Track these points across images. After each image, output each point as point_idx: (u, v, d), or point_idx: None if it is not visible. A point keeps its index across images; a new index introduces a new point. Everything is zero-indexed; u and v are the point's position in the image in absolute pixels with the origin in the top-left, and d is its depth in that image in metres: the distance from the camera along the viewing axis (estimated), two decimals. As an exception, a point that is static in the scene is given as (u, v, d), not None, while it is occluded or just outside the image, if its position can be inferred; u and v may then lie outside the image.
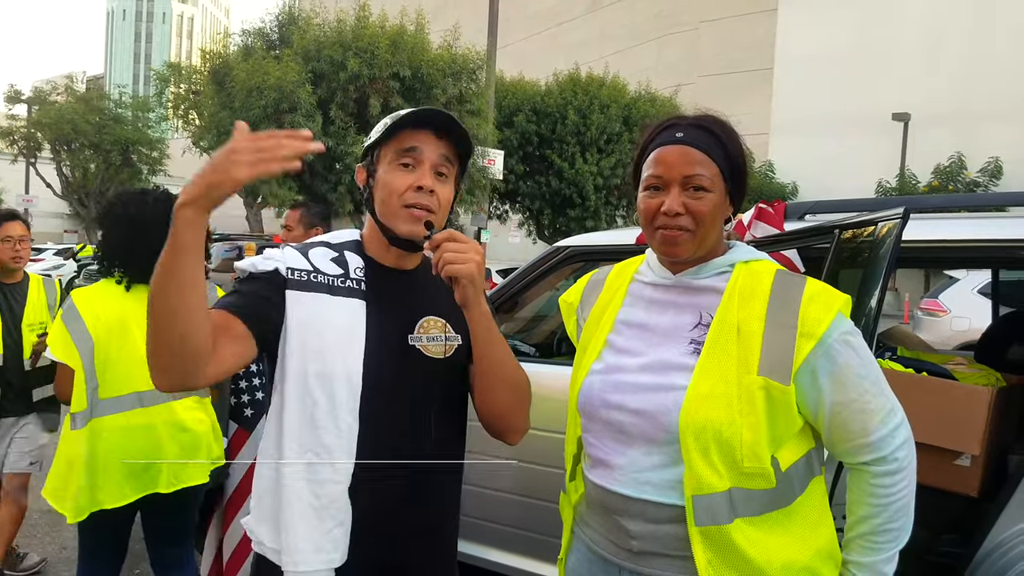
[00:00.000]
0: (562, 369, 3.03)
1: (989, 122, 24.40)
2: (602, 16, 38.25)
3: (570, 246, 3.34)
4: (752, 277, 1.45)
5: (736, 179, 1.47)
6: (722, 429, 1.34)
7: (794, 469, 1.41)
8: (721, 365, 1.38)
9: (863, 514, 1.42)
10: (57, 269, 22.34)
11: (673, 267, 1.52)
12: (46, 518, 4.60)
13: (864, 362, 1.40)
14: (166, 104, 26.62)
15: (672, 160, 1.44)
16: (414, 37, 16.53)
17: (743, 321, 1.40)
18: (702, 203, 1.42)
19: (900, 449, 1.40)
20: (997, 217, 2.82)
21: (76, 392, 2.58)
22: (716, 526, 1.34)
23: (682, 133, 1.45)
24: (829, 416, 1.40)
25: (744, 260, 1.49)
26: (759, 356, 1.37)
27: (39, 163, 32.37)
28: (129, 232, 2.66)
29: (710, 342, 1.41)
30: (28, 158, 32.19)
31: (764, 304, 1.40)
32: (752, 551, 1.35)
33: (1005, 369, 3.29)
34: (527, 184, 21.38)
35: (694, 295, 1.49)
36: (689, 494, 1.36)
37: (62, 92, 31.89)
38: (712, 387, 1.37)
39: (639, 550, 1.43)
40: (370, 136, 1.54)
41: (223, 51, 18.96)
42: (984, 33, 25.31)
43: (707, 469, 1.35)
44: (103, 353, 2.60)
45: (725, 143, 1.46)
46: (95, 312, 2.62)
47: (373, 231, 1.56)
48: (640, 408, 1.43)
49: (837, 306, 1.40)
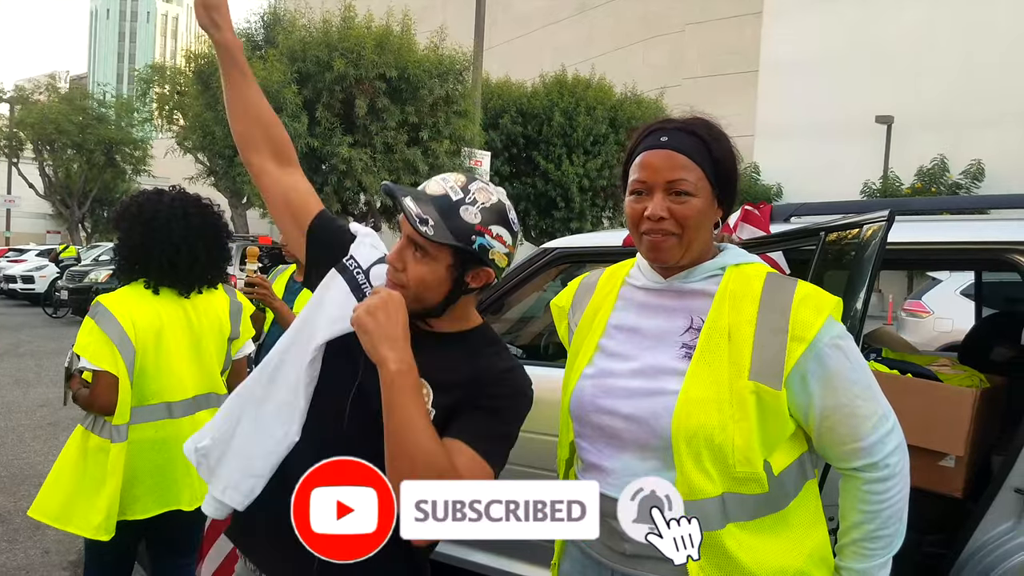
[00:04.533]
0: (550, 371, 3.03)
1: (971, 125, 24.60)
2: (589, 18, 38.30)
3: (557, 248, 3.34)
4: (743, 280, 1.44)
5: (724, 183, 1.46)
6: (714, 434, 1.33)
7: (787, 473, 1.41)
8: (712, 370, 1.37)
9: (855, 520, 1.41)
10: (40, 270, 22.10)
11: (663, 271, 1.50)
12: (28, 522, 4.55)
13: (855, 366, 1.39)
14: (150, 104, 26.46)
15: (656, 165, 1.43)
16: (400, 38, 16.50)
17: (734, 325, 1.39)
18: (686, 207, 1.41)
19: (892, 455, 1.38)
20: (979, 220, 2.84)
21: (121, 403, 2.46)
22: (707, 531, 1.32)
23: (667, 137, 1.44)
24: (819, 421, 1.39)
25: (735, 263, 1.48)
26: (750, 360, 1.36)
27: (21, 163, 32.05)
28: (146, 232, 2.59)
29: (701, 347, 1.40)
30: (10, 158, 31.89)
31: (755, 308, 1.39)
32: (744, 556, 1.34)
33: (988, 370, 3.32)
34: (513, 186, 21.37)
35: (685, 299, 1.48)
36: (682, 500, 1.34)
37: (45, 91, 31.64)
38: (703, 392, 1.36)
39: (631, 553, 1.42)
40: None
41: (208, 51, 18.86)
42: (967, 38, 25.53)
43: (699, 475, 1.34)
44: (140, 361, 2.51)
45: (711, 146, 1.44)
46: (132, 318, 2.52)
47: None
48: (631, 413, 1.42)
49: (828, 309, 1.38)
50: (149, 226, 2.58)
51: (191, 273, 2.62)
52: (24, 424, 7.26)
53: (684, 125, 1.46)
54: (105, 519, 2.45)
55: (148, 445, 2.54)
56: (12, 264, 23.51)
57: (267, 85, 14.64)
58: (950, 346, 6.39)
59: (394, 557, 1.32)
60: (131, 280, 2.65)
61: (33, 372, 10.21)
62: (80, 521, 2.49)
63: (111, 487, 2.45)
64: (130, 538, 2.62)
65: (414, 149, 16.23)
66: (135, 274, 2.64)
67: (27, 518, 4.54)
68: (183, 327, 2.65)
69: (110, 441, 2.48)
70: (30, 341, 13.40)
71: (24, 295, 21.87)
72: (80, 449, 2.55)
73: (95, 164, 30.71)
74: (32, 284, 21.65)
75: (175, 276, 2.62)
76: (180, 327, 2.63)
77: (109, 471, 2.46)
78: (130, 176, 32.79)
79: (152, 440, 2.55)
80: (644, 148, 1.46)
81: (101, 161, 30.62)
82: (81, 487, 2.51)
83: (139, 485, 2.54)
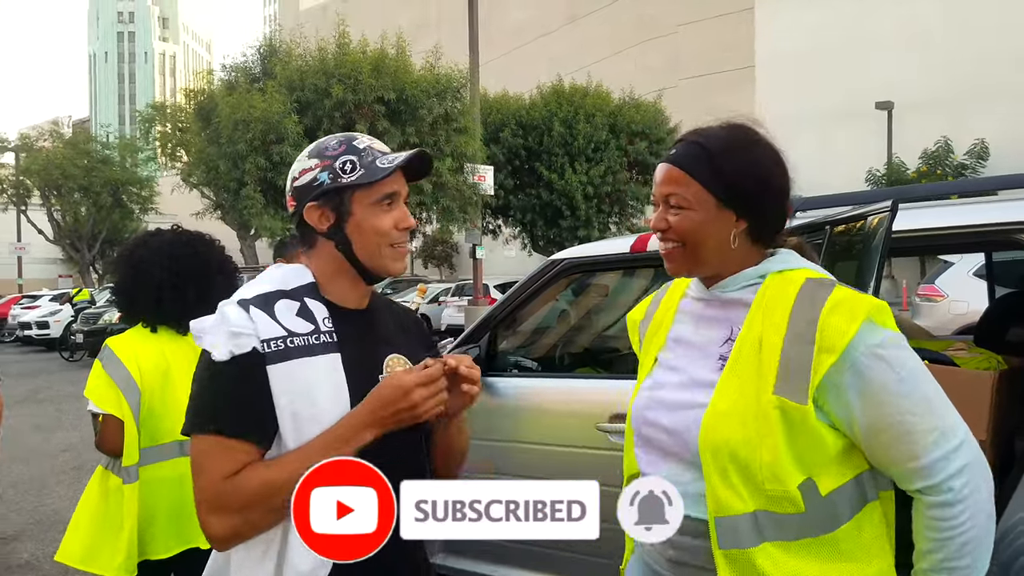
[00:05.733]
0: (565, 382, 3.04)
1: (973, 104, 24.51)
2: (581, 26, 38.44)
3: (565, 259, 3.35)
4: (781, 287, 1.38)
5: (737, 194, 1.40)
6: (738, 449, 1.30)
7: (838, 495, 1.31)
8: (741, 382, 1.33)
9: (924, 548, 1.29)
10: (54, 315, 22.27)
11: (704, 281, 1.49)
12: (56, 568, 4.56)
13: (903, 377, 1.27)
14: (153, 143, 26.70)
15: (656, 179, 1.45)
16: (396, 60, 16.61)
17: (765, 334, 1.34)
18: (680, 220, 1.41)
19: (956, 477, 1.24)
20: (987, 201, 2.83)
21: (128, 445, 2.51)
22: (739, 549, 1.29)
23: (675, 150, 1.45)
24: (866, 439, 1.29)
25: (779, 270, 1.42)
26: (775, 373, 1.30)
27: (29, 210, 32.36)
28: (130, 272, 2.66)
29: (732, 358, 1.37)
30: (18, 206, 32.20)
31: (786, 315, 1.33)
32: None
33: (1005, 351, 3.29)
34: (517, 198, 21.43)
35: (726, 309, 1.45)
36: (712, 515, 1.32)
37: (49, 138, 31.95)
38: (730, 405, 1.33)
39: (676, 560, 1.43)
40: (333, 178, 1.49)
41: (207, 87, 19.03)
42: (962, 17, 25.47)
43: (727, 491, 1.31)
44: (147, 403, 2.56)
45: (717, 159, 1.40)
46: (137, 361, 2.57)
47: (338, 270, 1.52)
48: (669, 426, 1.43)
49: (863, 315, 1.27)
50: (136, 269, 2.65)
51: (181, 312, 2.60)
52: (47, 470, 7.30)
53: (699, 137, 1.45)
54: (126, 559, 2.49)
55: (164, 484, 2.57)
56: (26, 311, 23.70)
57: (268, 116, 14.76)
58: (966, 329, 6.33)
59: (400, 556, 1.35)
60: (133, 322, 2.71)
61: (53, 417, 10.26)
62: (104, 562, 2.53)
63: (129, 526, 2.49)
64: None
65: (417, 169, 16.29)
66: (130, 315, 2.71)
67: (55, 565, 4.56)
68: (189, 364, 2.64)
69: (123, 483, 2.53)
70: (48, 387, 13.48)
71: (40, 341, 22.05)
72: (101, 490, 2.60)
73: (102, 206, 30.98)
74: (47, 329, 21.84)
75: (164, 315, 2.65)
76: (187, 364, 2.64)
77: (125, 511, 2.51)
78: (138, 215, 33.03)
79: (168, 479, 2.57)
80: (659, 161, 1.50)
81: (108, 202, 30.90)
82: (103, 528, 2.56)
83: (157, 524, 2.56)
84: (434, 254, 41.24)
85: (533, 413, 3.10)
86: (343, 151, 1.48)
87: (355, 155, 1.47)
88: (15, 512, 5.85)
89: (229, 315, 1.40)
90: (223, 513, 1.35)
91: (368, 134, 11.22)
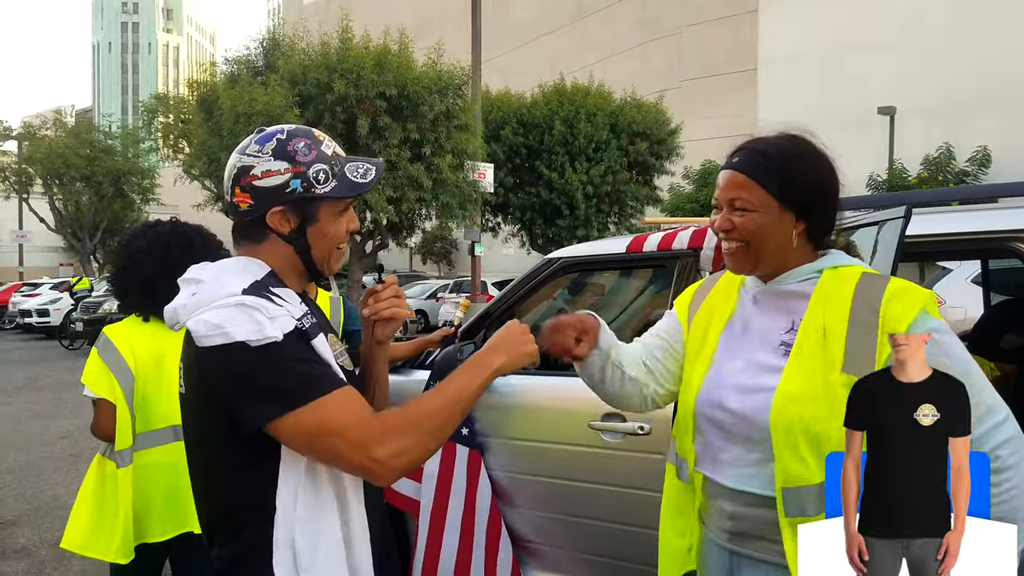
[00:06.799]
0: (559, 380, 3.06)
1: (975, 111, 24.48)
2: (584, 26, 38.41)
3: (562, 257, 3.37)
4: (839, 281, 1.54)
5: (799, 198, 1.55)
6: (810, 424, 1.42)
7: None
8: (808, 365, 1.47)
9: None
10: (54, 303, 22.28)
11: (761, 276, 1.64)
12: (53, 554, 4.59)
13: (954, 361, 1.41)
14: (155, 134, 26.67)
15: (720, 184, 1.60)
16: (398, 56, 16.58)
17: (828, 323, 1.48)
18: (745, 220, 1.55)
19: (1003, 447, 1.38)
20: (988, 209, 2.83)
21: (120, 429, 2.57)
22: (805, 517, 1.41)
23: (738, 158, 1.60)
24: None
25: (833, 266, 1.58)
26: (843, 355, 1.44)
27: (31, 198, 32.34)
28: (124, 267, 2.71)
29: (798, 344, 1.51)
30: (20, 194, 32.18)
31: (847, 305, 1.48)
32: None
33: (999, 358, 3.32)
34: (517, 196, 21.43)
35: (786, 300, 1.60)
36: (779, 486, 1.45)
37: (51, 127, 31.93)
38: (799, 387, 1.46)
39: (737, 530, 1.57)
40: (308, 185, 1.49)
41: (210, 79, 19.01)
42: (965, 23, 25.45)
43: (796, 463, 1.43)
44: (141, 388, 2.61)
45: (779, 168, 1.55)
46: (131, 347, 2.64)
47: (289, 266, 1.53)
48: (736, 409, 1.56)
49: (920, 303, 1.44)
50: (132, 259, 2.70)
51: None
52: (45, 457, 7.35)
53: (760, 145, 1.60)
54: (123, 543, 2.55)
55: (159, 469, 2.62)
56: (26, 299, 23.72)
57: (270, 110, 14.76)
58: (962, 335, 6.35)
59: None
60: (128, 312, 2.76)
61: (52, 405, 10.29)
62: (101, 546, 2.59)
63: (124, 511, 2.55)
64: (152, 561, 2.70)
65: (417, 165, 16.27)
66: (124, 305, 2.75)
67: (52, 550, 4.60)
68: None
69: (116, 467, 2.59)
70: (48, 374, 13.52)
71: (40, 328, 22.08)
72: (99, 475, 2.66)
73: (104, 195, 30.95)
74: (47, 317, 21.86)
75: (157, 306, 2.68)
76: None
77: (120, 495, 2.57)
78: (139, 206, 33.01)
79: (163, 464, 2.62)
80: (721, 168, 1.63)
81: (110, 192, 30.86)
82: (102, 512, 2.61)
83: (153, 508, 2.62)
84: (433, 250, 41.26)
85: (527, 410, 3.12)
86: (314, 158, 1.48)
87: (326, 164, 1.49)
88: (13, 498, 5.88)
89: (256, 304, 1.37)
90: (389, 437, 1.33)
91: (369, 129, 11.13)
